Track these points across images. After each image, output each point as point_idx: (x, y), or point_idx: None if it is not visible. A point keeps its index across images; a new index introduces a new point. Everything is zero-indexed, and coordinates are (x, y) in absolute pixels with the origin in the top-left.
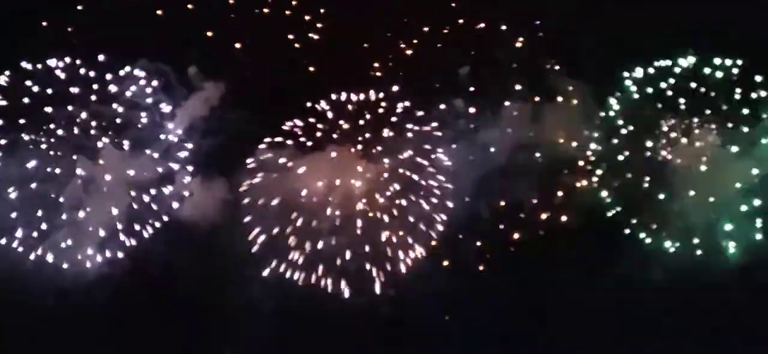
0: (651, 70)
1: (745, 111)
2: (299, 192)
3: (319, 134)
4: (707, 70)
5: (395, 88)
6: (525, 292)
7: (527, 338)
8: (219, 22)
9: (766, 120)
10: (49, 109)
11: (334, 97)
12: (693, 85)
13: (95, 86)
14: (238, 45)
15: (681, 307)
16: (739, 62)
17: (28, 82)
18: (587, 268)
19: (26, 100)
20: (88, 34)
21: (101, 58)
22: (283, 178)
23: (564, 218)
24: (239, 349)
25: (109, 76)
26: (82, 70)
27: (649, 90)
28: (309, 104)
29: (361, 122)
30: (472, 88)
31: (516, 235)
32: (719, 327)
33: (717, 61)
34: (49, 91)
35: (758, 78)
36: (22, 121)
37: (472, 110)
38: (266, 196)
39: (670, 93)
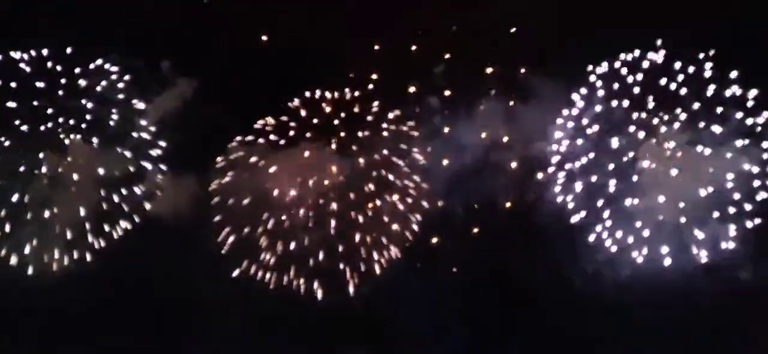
0: (618, 65)
1: (718, 109)
2: (271, 191)
3: (291, 133)
4: (678, 65)
5: (370, 87)
6: (496, 292)
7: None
8: (193, 17)
9: (739, 119)
10: (12, 104)
11: (307, 94)
12: (663, 80)
13: (63, 81)
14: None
15: (651, 314)
16: (712, 53)
17: None
18: (556, 271)
19: None
20: (56, 26)
21: (69, 50)
22: (255, 176)
23: (535, 220)
24: (211, 349)
25: (78, 70)
26: (49, 64)
27: (616, 86)
28: (283, 104)
29: (336, 121)
30: (447, 92)
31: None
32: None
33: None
34: (13, 84)
35: (733, 74)
36: None
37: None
38: (237, 195)
39: (637, 90)
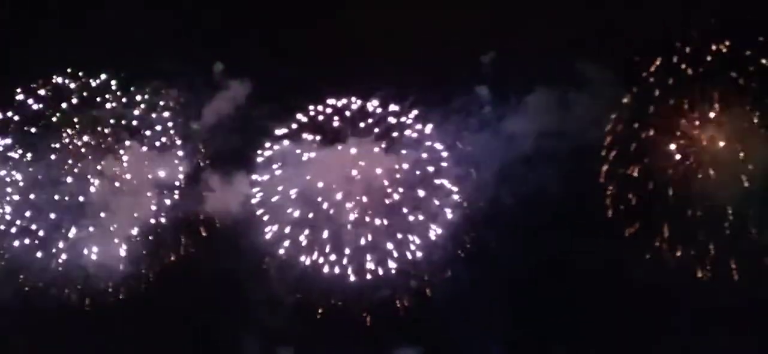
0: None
1: None
2: (316, 185)
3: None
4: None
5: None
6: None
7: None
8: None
9: None
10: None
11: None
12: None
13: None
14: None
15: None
16: None
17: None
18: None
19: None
20: (103, 48)
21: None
22: (301, 171)
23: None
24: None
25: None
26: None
27: (671, 81)
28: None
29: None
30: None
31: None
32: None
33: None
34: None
35: None
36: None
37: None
38: (284, 190)
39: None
